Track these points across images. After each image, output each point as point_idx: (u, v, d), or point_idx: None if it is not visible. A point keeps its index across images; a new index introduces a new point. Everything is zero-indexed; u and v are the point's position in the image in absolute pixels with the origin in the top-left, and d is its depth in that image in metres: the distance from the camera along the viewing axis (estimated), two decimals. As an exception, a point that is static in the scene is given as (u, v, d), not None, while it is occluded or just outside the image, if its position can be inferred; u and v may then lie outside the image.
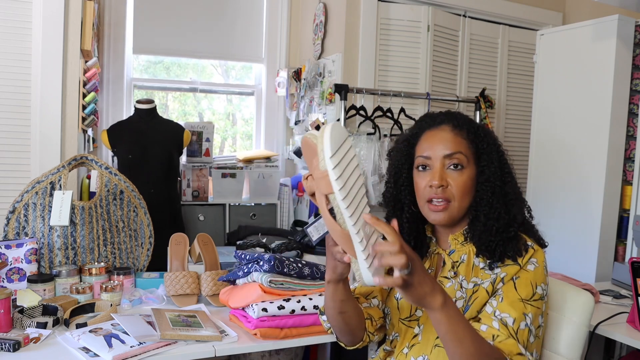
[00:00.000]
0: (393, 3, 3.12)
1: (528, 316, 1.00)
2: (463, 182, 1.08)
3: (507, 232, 1.06)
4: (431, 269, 1.17)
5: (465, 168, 1.09)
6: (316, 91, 3.31)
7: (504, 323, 0.99)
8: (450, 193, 1.08)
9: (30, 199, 1.71)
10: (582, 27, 2.46)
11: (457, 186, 1.08)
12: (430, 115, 1.19)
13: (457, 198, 1.08)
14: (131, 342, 1.27)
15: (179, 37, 3.51)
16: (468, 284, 1.08)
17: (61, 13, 2.40)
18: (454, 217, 1.10)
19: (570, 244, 2.43)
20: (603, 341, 2.15)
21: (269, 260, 1.45)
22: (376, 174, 2.84)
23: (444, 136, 1.11)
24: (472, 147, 1.11)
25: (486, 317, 1.02)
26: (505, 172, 1.10)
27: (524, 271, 1.04)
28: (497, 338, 0.98)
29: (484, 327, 1.01)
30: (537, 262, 1.05)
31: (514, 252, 1.04)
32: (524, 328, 0.99)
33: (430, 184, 1.09)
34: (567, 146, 2.51)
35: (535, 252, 1.06)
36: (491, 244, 1.06)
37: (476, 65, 3.39)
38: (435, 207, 1.09)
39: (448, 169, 1.09)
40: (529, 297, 1.01)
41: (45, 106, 2.39)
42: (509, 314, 1.00)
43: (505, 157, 1.13)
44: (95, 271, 1.65)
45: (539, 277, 1.04)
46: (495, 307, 1.02)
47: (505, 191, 1.09)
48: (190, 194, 3.14)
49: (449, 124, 1.12)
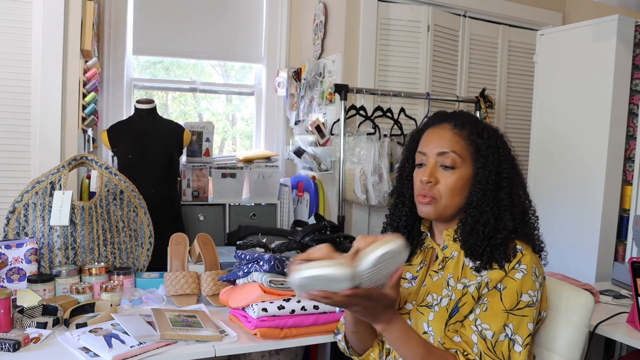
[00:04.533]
0: (393, 3, 3.12)
1: (508, 327, 1.01)
2: (452, 182, 1.09)
3: (495, 238, 1.06)
4: (424, 262, 1.18)
5: (458, 168, 1.10)
6: (316, 91, 3.31)
7: (482, 337, 1.00)
8: (437, 191, 1.10)
9: (30, 199, 1.71)
10: (582, 27, 2.46)
11: (445, 185, 1.10)
12: (438, 113, 1.21)
13: (444, 197, 1.10)
14: (131, 342, 1.27)
15: (179, 37, 3.51)
16: (457, 283, 1.08)
17: (61, 13, 2.40)
18: (442, 214, 1.11)
19: (570, 244, 2.43)
20: (603, 341, 2.15)
21: (269, 260, 1.45)
22: (376, 174, 2.84)
23: (442, 134, 1.13)
24: (471, 147, 1.11)
25: (468, 325, 1.04)
26: (503, 177, 1.10)
27: (511, 280, 1.03)
28: (466, 354, 1.01)
29: (457, 338, 1.03)
30: (526, 268, 1.04)
31: (502, 258, 1.04)
32: (503, 339, 1.00)
33: (420, 180, 1.12)
34: (567, 146, 2.51)
35: (523, 256, 1.05)
36: (477, 248, 1.06)
37: (476, 65, 3.39)
38: (422, 200, 1.12)
39: (440, 166, 1.11)
40: (513, 307, 1.02)
41: (45, 106, 2.39)
42: (490, 325, 1.01)
43: (511, 163, 1.12)
44: (95, 271, 1.65)
45: (526, 284, 1.03)
46: (478, 315, 1.03)
47: (499, 197, 1.08)
48: (190, 194, 3.14)
49: (451, 123, 1.14)
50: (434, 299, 1.10)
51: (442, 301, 1.08)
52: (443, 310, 1.07)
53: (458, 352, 1.02)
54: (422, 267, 1.18)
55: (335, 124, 2.93)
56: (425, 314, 1.10)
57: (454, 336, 1.03)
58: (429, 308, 1.10)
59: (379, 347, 1.17)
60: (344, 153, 2.78)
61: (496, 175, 1.09)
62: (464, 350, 1.01)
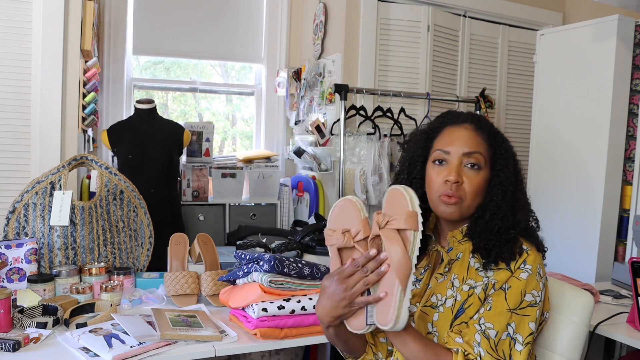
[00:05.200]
0: (393, 3, 3.12)
1: (511, 326, 1.01)
2: (478, 182, 1.09)
3: (507, 233, 1.07)
4: (429, 265, 1.18)
5: (482, 169, 1.10)
6: (316, 91, 3.31)
7: (486, 335, 1.01)
8: (464, 191, 1.09)
9: (30, 199, 1.71)
10: (582, 27, 2.46)
11: (471, 185, 1.09)
12: (453, 112, 1.20)
13: (469, 197, 1.09)
14: (131, 342, 1.27)
15: (178, 37, 3.51)
16: (462, 284, 1.08)
17: (61, 13, 2.40)
18: (463, 214, 1.11)
19: (570, 244, 2.43)
20: (603, 341, 2.15)
21: (269, 260, 1.45)
22: (376, 174, 2.84)
23: (465, 134, 1.12)
24: (490, 150, 1.12)
25: (471, 324, 1.03)
26: (519, 179, 1.13)
27: (516, 279, 1.03)
28: (467, 354, 1.01)
29: (459, 339, 1.02)
30: (531, 268, 1.04)
31: (509, 255, 1.05)
32: (505, 338, 1.01)
33: (446, 179, 1.09)
34: (567, 146, 2.51)
35: (528, 256, 1.05)
36: (489, 242, 1.06)
37: (476, 65, 3.39)
38: (448, 200, 1.09)
39: (465, 166, 1.10)
40: (516, 307, 1.02)
41: (45, 106, 2.39)
42: (494, 325, 1.01)
43: (519, 167, 1.15)
44: (95, 271, 1.65)
45: (530, 284, 1.03)
46: (482, 314, 1.03)
47: (517, 197, 1.11)
48: (190, 194, 3.14)
49: (472, 124, 1.14)
50: (438, 300, 1.10)
51: (446, 302, 1.08)
52: (448, 311, 1.07)
53: (459, 351, 1.01)
54: (427, 270, 1.17)
55: (335, 124, 2.93)
56: (429, 314, 1.10)
57: (456, 337, 1.03)
58: (433, 309, 1.10)
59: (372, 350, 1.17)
60: (344, 153, 2.78)
61: (514, 177, 1.12)
62: (465, 350, 1.01)
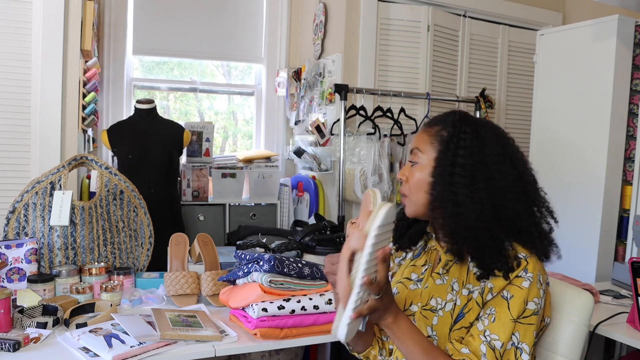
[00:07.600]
0: (393, 3, 3.12)
1: (515, 335, 1.01)
2: (415, 177, 1.10)
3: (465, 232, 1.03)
4: (428, 264, 1.18)
5: (421, 164, 1.10)
6: (316, 91, 3.31)
7: (491, 347, 1.00)
8: (406, 188, 1.12)
9: (30, 199, 1.71)
10: (582, 27, 2.46)
11: (410, 181, 1.11)
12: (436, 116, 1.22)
13: (411, 192, 1.11)
14: (131, 342, 1.27)
15: (178, 37, 3.51)
16: (461, 288, 1.08)
17: (61, 13, 2.40)
18: (417, 212, 1.11)
19: (570, 244, 2.43)
20: (603, 341, 2.15)
21: (269, 260, 1.45)
22: (376, 174, 2.84)
23: (418, 134, 1.15)
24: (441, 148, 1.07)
25: (476, 334, 1.02)
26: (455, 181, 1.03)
27: (518, 288, 1.02)
28: None
29: (465, 349, 1.01)
30: (532, 276, 1.02)
31: (504, 267, 1.02)
32: (510, 348, 1.00)
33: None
34: (567, 146, 2.51)
35: (528, 264, 1.03)
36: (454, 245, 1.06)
37: (476, 65, 3.39)
38: (402, 197, 1.15)
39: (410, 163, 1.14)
40: (519, 316, 1.01)
41: (45, 106, 2.39)
42: (499, 336, 1.00)
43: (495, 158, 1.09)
44: (95, 271, 1.65)
45: (532, 292, 1.02)
46: (487, 327, 1.02)
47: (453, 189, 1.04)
48: (190, 194, 3.14)
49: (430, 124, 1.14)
50: (438, 304, 1.09)
51: (446, 306, 1.08)
52: (447, 315, 1.07)
53: None
54: (427, 269, 1.17)
55: (335, 124, 2.93)
56: (429, 318, 1.09)
57: (462, 347, 1.02)
58: (433, 312, 1.09)
59: (378, 345, 1.17)
60: (344, 153, 2.78)
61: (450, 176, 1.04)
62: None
